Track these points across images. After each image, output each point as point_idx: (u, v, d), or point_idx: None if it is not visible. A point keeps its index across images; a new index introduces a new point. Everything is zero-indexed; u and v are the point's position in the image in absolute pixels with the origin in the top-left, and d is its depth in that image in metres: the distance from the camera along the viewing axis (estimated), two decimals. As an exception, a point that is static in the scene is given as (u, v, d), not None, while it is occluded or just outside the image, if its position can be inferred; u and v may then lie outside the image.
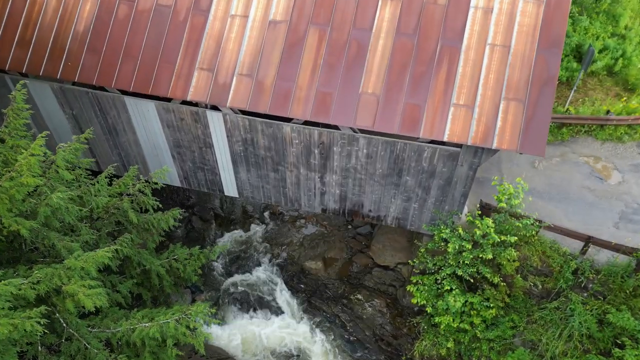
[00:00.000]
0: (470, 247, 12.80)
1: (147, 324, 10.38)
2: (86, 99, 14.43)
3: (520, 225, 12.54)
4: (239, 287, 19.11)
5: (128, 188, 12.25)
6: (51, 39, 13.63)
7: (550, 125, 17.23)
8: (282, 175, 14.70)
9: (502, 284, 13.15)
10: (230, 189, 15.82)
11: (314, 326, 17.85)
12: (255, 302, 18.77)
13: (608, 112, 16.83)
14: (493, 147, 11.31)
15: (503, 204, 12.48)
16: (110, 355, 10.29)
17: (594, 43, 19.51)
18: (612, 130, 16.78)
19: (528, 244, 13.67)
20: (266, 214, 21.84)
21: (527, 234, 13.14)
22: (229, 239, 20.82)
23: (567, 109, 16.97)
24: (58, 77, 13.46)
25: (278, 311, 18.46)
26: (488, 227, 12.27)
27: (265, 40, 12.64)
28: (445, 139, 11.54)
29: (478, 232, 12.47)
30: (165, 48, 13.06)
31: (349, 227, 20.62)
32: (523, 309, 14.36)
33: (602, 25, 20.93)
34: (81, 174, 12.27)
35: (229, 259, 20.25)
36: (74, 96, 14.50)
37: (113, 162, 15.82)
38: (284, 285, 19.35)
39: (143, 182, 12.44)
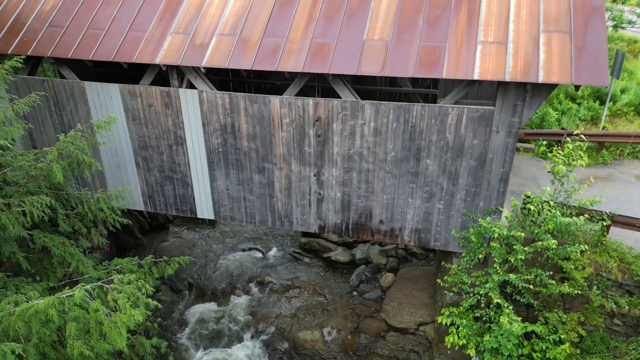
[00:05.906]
0: (522, 235, 9.25)
1: (38, 301, 6.56)
2: (41, 91, 12.23)
3: (589, 202, 9.22)
4: (210, 368, 14.42)
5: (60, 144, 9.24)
6: (12, 18, 12.03)
7: (589, 147, 14.72)
8: (269, 178, 11.72)
9: (575, 291, 9.18)
10: (204, 206, 12.63)
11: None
12: (231, 389, 13.96)
13: (652, 129, 14.53)
14: (539, 81, 8.74)
15: (561, 168, 9.25)
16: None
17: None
18: (661, 150, 14.26)
19: (598, 248, 10.08)
20: (252, 284, 17.90)
21: (598, 231, 9.74)
22: (203, 311, 16.60)
23: (604, 126, 14.65)
24: (9, 52, 11.50)
25: (261, 400, 13.60)
26: (547, 201, 8.93)
27: (253, 2, 10.99)
28: (476, 77, 9.03)
29: (533, 209, 9.07)
30: (138, 17, 11.35)
31: (354, 293, 16.59)
32: (605, 351, 10.11)
33: (616, 77, 19.90)
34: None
35: (202, 335, 15.81)
36: (27, 88, 12.33)
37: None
38: (270, 366, 14.67)
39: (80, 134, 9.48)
